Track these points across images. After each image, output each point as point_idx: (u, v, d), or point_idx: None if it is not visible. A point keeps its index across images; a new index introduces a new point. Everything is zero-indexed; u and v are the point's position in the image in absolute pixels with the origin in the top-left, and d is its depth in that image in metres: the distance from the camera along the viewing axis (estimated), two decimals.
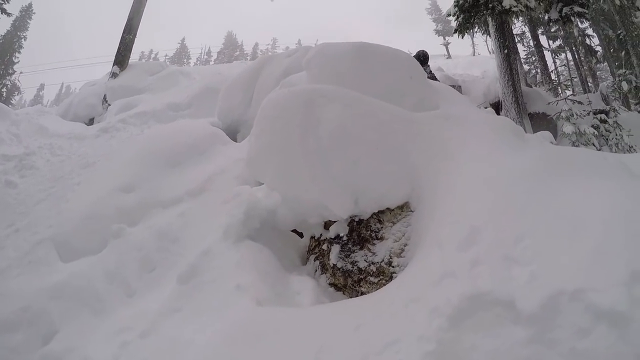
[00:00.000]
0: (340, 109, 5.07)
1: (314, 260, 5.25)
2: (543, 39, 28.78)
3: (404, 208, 4.84)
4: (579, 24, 19.66)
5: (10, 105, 42.69)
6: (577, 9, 14.94)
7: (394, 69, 6.50)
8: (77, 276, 5.42)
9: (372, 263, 4.67)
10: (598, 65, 32.37)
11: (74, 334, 4.77)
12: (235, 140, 9.22)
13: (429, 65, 11.93)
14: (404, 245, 4.60)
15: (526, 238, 3.33)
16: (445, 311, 3.09)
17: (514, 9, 13.96)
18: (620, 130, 15.07)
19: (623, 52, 24.11)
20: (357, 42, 6.89)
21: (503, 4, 13.93)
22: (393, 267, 4.54)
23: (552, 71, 31.15)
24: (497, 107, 16.18)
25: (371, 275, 4.63)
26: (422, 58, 11.90)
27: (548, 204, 3.56)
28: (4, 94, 44.09)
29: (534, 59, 32.35)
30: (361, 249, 4.81)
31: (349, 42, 6.94)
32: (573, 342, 2.61)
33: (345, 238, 4.93)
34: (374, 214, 4.86)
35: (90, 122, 16.53)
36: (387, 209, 4.85)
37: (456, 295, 3.15)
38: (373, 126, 5.05)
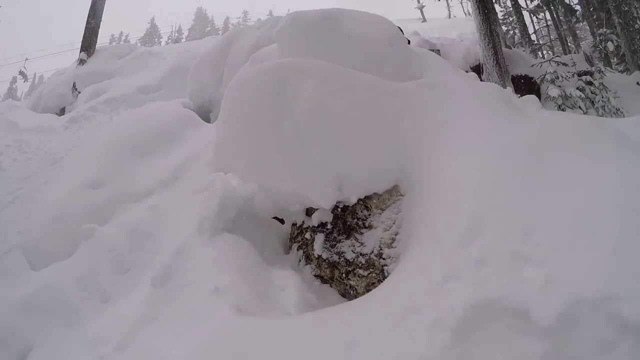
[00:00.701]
0: (317, 85, 4.70)
1: (297, 250, 4.90)
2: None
3: (393, 192, 4.49)
4: None
5: None
6: None
7: (371, 35, 6.14)
8: (49, 287, 5.06)
9: (361, 254, 4.34)
10: (577, 24, 32.31)
11: (48, 350, 4.47)
12: (208, 120, 8.93)
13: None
14: (395, 235, 4.26)
15: (536, 230, 2.99)
16: (450, 323, 2.71)
17: None
18: (607, 92, 14.98)
19: (603, 12, 23.98)
20: (330, 8, 6.51)
21: None
22: (384, 259, 4.20)
23: (532, 33, 31.10)
24: (478, 70, 15.91)
25: (360, 268, 4.30)
26: None
27: (556, 187, 3.24)
28: None
29: (511, 19, 32.19)
30: (348, 238, 4.47)
31: (322, 9, 6.56)
32: (595, 358, 2.28)
33: (329, 226, 4.58)
34: (360, 199, 4.50)
35: (62, 112, 16.25)
36: (375, 193, 4.50)
37: (461, 304, 2.78)
38: (354, 103, 4.68)
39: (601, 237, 2.72)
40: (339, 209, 4.55)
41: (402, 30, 11.43)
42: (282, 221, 5.32)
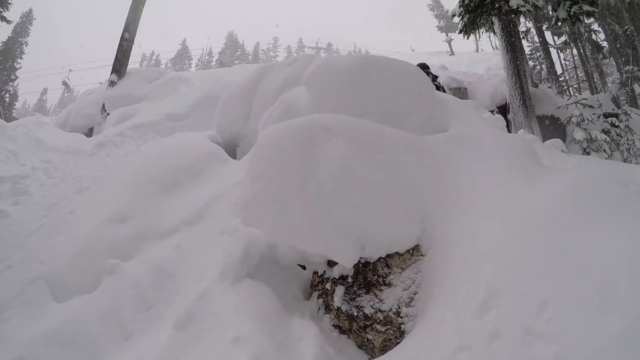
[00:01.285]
0: (344, 146, 4.80)
1: (317, 298, 4.97)
2: (548, 35, 28.63)
3: (414, 252, 4.55)
4: (586, 20, 19.51)
5: (13, 111, 42.74)
6: (586, 7, 14.66)
7: (399, 84, 6.27)
8: (71, 320, 5.16)
9: (380, 310, 4.38)
10: (604, 60, 32.22)
11: None
12: (234, 154, 9.04)
13: (430, 73, 11.65)
14: (414, 294, 4.31)
15: (551, 306, 3.02)
16: None
17: (522, 9, 13.76)
18: (632, 135, 14.92)
19: (630, 48, 23.97)
20: (359, 55, 6.68)
21: (510, 4, 13.75)
22: (401, 317, 4.26)
23: (561, 74, 31.09)
24: (504, 109, 15.97)
25: (378, 324, 4.35)
26: (423, 69, 11.67)
27: (575, 257, 3.25)
28: (7, 100, 43.99)
29: (538, 54, 32.15)
30: (367, 293, 4.52)
31: (351, 56, 6.72)
32: None
33: (350, 280, 4.64)
34: (382, 257, 4.56)
35: (90, 131, 16.49)
36: (396, 253, 4.55)
37: None
38: (380, 163, 4.77)
39: (614, 316, 2.74)
40: (361, 264, 4.60)
41: (428, 67, 11.54)
42: (303, 267, 5.37)
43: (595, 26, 28.42)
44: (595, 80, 30.69)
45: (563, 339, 2.80)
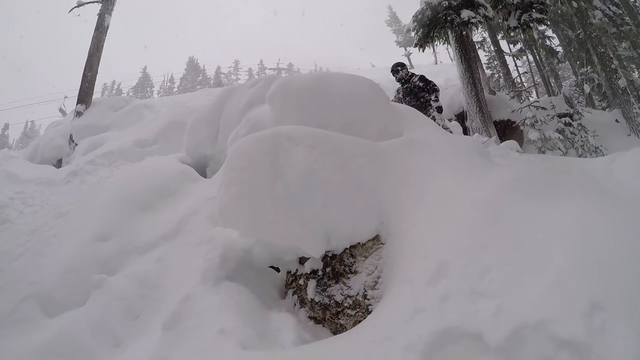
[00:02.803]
0: (306, 152, 5.24)
1: (292, 295, 5.40)
2: (503, 44, 29.25)
3: (374, 241, 5.00)
4: (538, 27, 20.10)
5: None
6: (535, 15, 15.27)
7: (354, 97, 6.67)
8: (64, 332, 5.45)
9: (348, 296, 4.83)
10: (560, 65, 32.98)
11: None
12: (205, 174, 9.36)
13: (405, 69, 11.90)
14: (377, 278, 4.77)
15: (492, 271, 3.54)
16: (418, 347, 3.28)
17: (473, 20, 14.26)
18: (585, 132, 15.43)
19: (583, 52, 24.60)
20: (317, 73, 7.09)
21: (462, 16, 14.24)
22: (368, 299, 4.70)
23: (515, 78, 31.61)
24: (462, 117, 16.46)
25: (348, 309, 4.79)
26: (400, 67, 11.94)
27: (513, 233, 3.77)
28: None
29: (495, 63, 32.73)
30: (337, 282, 4.98)
31: (310, 74, 7.12)
32: None
33: (320, 273, 5.09)
34: (347, 248, 5.02)
35: (58, 163, 16.61)
36: (359, 243, 5.00)
37: (427, 331, 3.35)
38: (338, 166, 5.22)
39: (546, 273, 3.24)
40: (328, 257, 5.05)
41: (405, 66, 11.89)
42: (277, 270, 5.81)
43: (549, 32, 29.23)
44: (552, 84, 31.35)
45: (503, 295, 3.29)
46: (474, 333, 3.19)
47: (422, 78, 11.46)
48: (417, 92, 11.21)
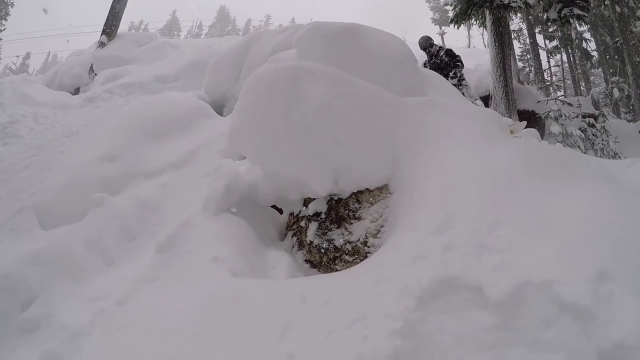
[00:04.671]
0: (326, 87, 5.09)
1: (292, 237, 5.31)
2: (540, 38, 28.94)
3: (383, 190, 4.89)
4: (577, 26, 19.71)
5: None
6: (576, 11, 15.00)
7: (383, 52, 6.53)
8: (57, 243, 5.39)
9: (349, 242, 4.74)
10: (592, 70, 32.61)
11: (52, 301, 4.77)
12: (221, 114, 9.26)
13: (434, 44, 11.68)
14: (381, 227, 4.66)
15: (499, 228, 3.40)
16: (414, 292, 3.15)
17: (513, 4, 14.06)
18: (607, 137, 15.27)
19: (618, 61, 24.23)
20: (349, 22, 6.90)
21: None
22: (368, 247, 4.61)
23: (545, 70, 31.25)
24: (486, 100, 16.25)
25: (346, 254, 4.71)
26: (429, 43, 11.76)
27: (526, 199, 3.62)
28: None
29: (528, 56, 32.36)
30: (338, 227, 4.88)
31: (341, 22, 6.96)
32: (537, 332, 2.70)
33: (323, 216, 4.99)
34: (353, 193, 4.91)
35: (76, 91, 16.43)
36: (367, 189, 4.90)
37: (426, 277, 3.22)
38: (358, 107, 5.09)
39: (555, 237, 3.11)
40: (334, 201, 4.96)
41: (433, 40, 11.66)
42: (280, 211, 5.73)
43: (587, 35, 28.83)
44: (582, 87, 31.03)
45: (509, 251, 3.15)
46: (475, 286, 3.07)
47: (448, 52, 11.25)
48: (444, 68, 11.01)
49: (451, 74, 10.81)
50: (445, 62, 11.06)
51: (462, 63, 10.99)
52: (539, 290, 2.83)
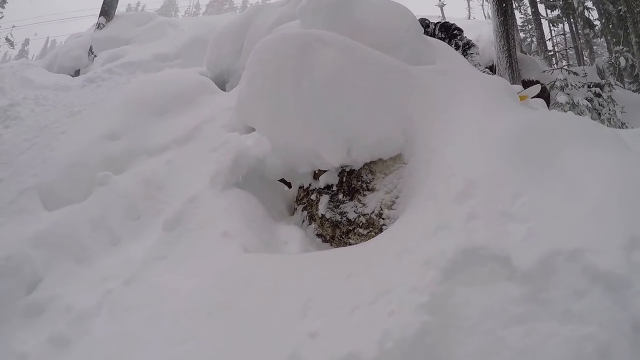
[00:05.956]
0: (336, 54, 4.94)
1: (302, 211, 5.18)
2: (541, 8, 28.59)
3: (397, 160, 4.74)
4: None
5: None
6: None
7: (389, 20, 6.38)
8: (61, 224, 5.32)
9: (362, 214, 4.61)
10: (595, 39, 32.25)
11: (57, 282, 4.68)
12: (224, 89, 9.13)
13: (432, 24, 11.35)
14: (396, 198, 4.53)
15: (523, 195, 3.26)
16: (439, 263, 3.00)
17: None
18: (614, 106, 15.12)
19: (622, 30, 23.97)
20: None
21: None
22: (383, 219, 4.48)
23: (548, 40, 30.98)
24: (490, 70, 16.07)
25: (360, 227, 4.58)
26: (424, 24, 11.45)
27: (546, 165, 3.47)
28: None
29: (530, 27, 32.08)
30: (351, 199, 4.74)
31: None
32: (568, 303, 2.55)
33: (335, 188, 4.85)
34: (366, 164, 4.77)
35: (76, 73, 16.33)
36: (380, 159, 4.75)
37: (451, 248, 3.07)
38: (369, 73, 4.92)
39: (582, 204, 2.97)
40: (346, 173, 4.81)
41: (428, 20, 11.37)
42: (289, 185, 5.59)
43: (589, 4, 28.50)
44: (585, 57, 30.80)
45: (535, 219, 3.01)
46: (502, 256, 2.92)
47: (442, 27, 10.93)
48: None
49: (452, 47, 10.55)
50: (443, 39, 10.80)
51: (459, 30, 10.67)
52: (569, 260, 2.68)
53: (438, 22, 10.90)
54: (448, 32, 10.27)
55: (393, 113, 4.78)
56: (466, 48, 10.05)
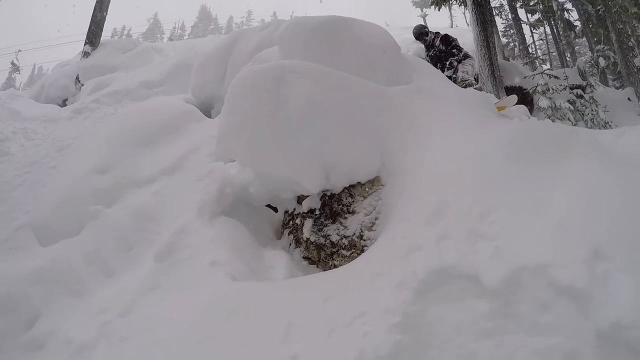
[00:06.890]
0: (310, 84, 5.09)
1: (288, 235, 5.35)
2: (522, 12, 28.71)
3: (374, 182, 4.91)
4: None
5: None
6: None
7: (366, 43, 6.50)
8: (57, 260, 5.41)
9: (344, 237, 4.78)
10: (577, 40, 32.37)
11: (56, 317, 4.79)
12: (209, 116, 9.22)
13: (429, 32, 11.57)
14: (375, 219, 4.69)
15: (492, 213, 3.46)
16: (411, 284, 3.20)
17: None
18: (597, 106, 15.21)
19: (602, 29, 24.10)
20: (330, 15, 6.87)
21: None
22: (364, 240, 4.64)
23: (529, 45, 31.09)
24: (475, 81, 16.18)
25: (343, 249, 4.74)
26: (424, 32, 11.64)
27: (517, 181, 3.67)
28: None
29: (512, 31, 32.21)
30: (333, 222, 4.91)
31: (322, 16, 6.91)
32: (535, 316, 2.75)
33: (317, 212, 5.03)
34: (346, 188, 4.94)
35: (64, 103, 16.38)
36: (358, 183, 4.92)
37: (422, 269, 3.27)
38: (343, 101, 5.10)
39: (547, 219, 3.16)
40: (327, 197, 4.98)
41: (427, 28, 11.47)
42: (275, 210, 5.75)
43: (569, 5, 28.65)
44: (568, 58, 30.89)
45: (502, 237, 3.21)
46: (471, 274, 3.12)
47: (444, 39, 11.13)
48: (444, 57, 10.94)
49: (447, 64, 10.74)
50: (443, 52, 10.97)
51: (458, 49, 10.89)
52: (534, 275, 2.88)
53: (438, 33, 11.10)
54: (449, 45, 10.49)
55: (368, 137, 4.95)
56: (462, 59, 10.27)
